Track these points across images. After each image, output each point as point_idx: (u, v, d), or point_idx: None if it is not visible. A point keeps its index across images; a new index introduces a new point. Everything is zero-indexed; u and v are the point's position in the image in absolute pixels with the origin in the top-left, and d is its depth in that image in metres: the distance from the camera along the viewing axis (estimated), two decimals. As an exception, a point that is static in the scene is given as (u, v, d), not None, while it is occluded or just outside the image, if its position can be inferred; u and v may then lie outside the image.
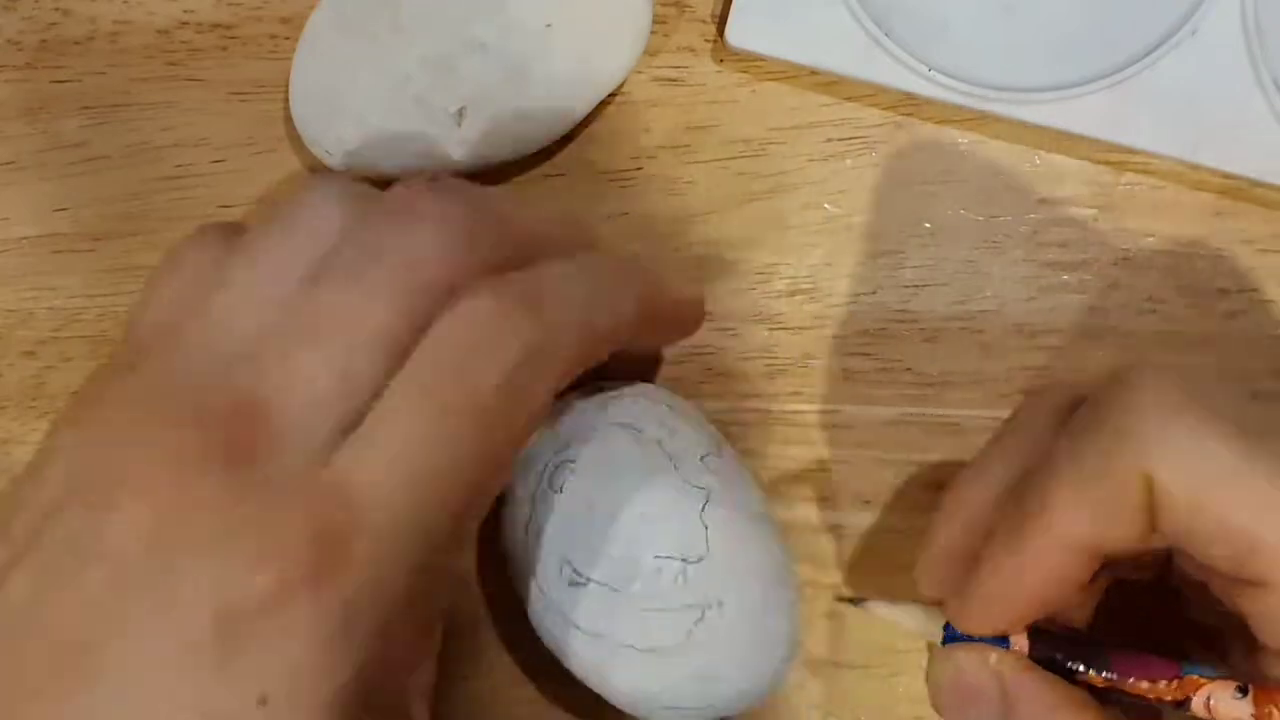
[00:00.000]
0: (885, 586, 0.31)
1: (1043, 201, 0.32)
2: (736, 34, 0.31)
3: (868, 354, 0.32)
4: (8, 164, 0.33)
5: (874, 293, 0.32)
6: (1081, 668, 0.23)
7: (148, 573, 0.21)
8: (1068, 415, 0.23)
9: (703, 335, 0.30)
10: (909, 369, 0.32)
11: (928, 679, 0.25)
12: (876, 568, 0.31)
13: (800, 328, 0.32)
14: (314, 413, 0.22)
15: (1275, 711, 0.21)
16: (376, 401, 0.23)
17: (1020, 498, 0.23)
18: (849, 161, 0.32)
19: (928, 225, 0.32)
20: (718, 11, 0.33)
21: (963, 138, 0.32)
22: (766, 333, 0.32)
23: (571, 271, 0.25)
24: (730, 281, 0.32)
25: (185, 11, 0.33)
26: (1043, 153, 0.32)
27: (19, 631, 0.22)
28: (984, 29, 0.32)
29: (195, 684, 0.21)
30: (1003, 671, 0.24)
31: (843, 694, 0.31)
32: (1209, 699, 0.22)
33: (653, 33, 0.32)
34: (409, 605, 0.23)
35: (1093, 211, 0.32)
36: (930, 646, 0.25)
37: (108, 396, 0.24)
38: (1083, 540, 0.22)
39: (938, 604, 0.25)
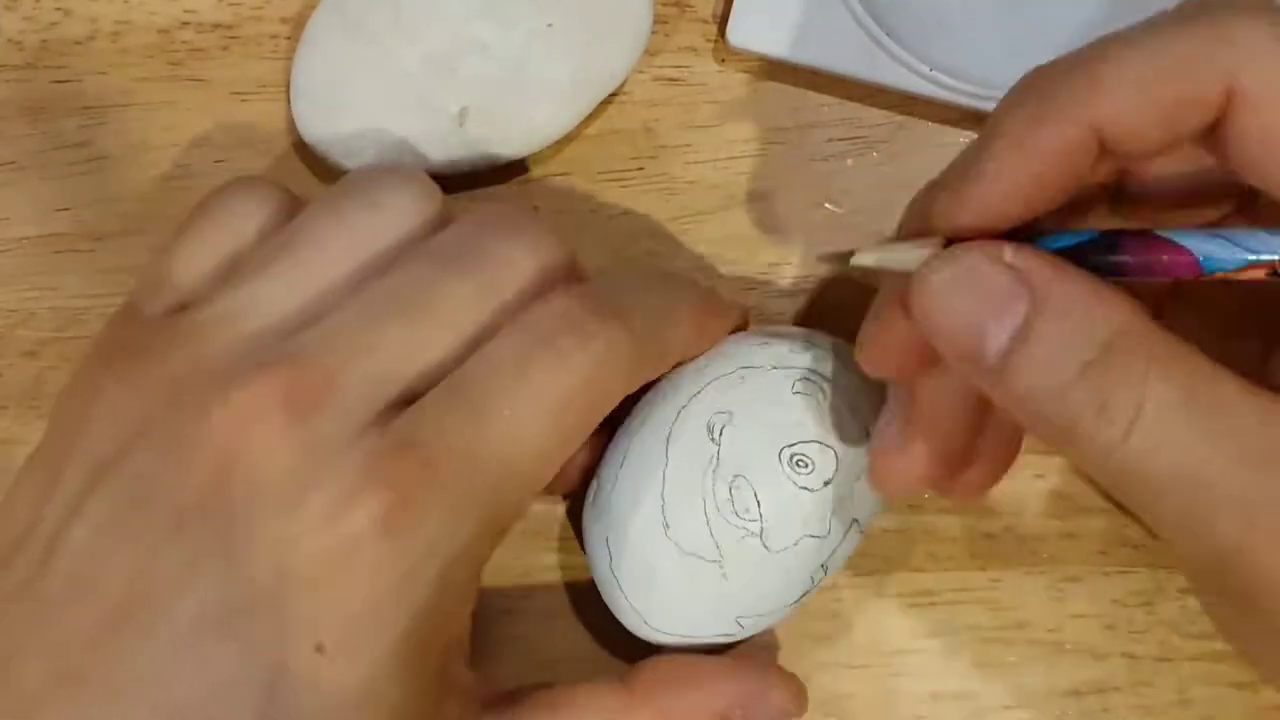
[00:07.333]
0: (882, 581, 0.31)
1: (1044, 201, 0.32)
2: (737, 34, 0.31)
3: (869, 354, 0.32)
4: (8, 164, 0.33)
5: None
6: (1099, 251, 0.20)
7: (208, 524, 0.21)
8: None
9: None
10: (910, 369, 0.32)
11: (913, 300, 0.21)
12: (876, 563, 0.31)
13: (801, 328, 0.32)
14: (381, 378, 0.23)
15: None
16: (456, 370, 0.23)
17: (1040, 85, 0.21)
18: (850, 161, 0.32)
19: (929, 225, 0.32)
20: (719, 11, 0.33)
21: (964, 137, 0.32)
22: (767, 333, 0.32)
23: (646, 289, 0.27)
24: (731, 281, 0.32)
25: (186, 11, 0.33)
26: (1044, 152, 0.32)
27: (78, 583, 0.22)
28: (984, 28, 0.31)
29: (254, 634, 0.21)
30: (1025, 265, 0.20)
31: (843, 694, 0.30)
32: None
33: (654, 32, 0.32)
34: (466, 564, 0.23)
35: (1094, 211, 0.32)
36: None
37: (152, 345, 0.24)
38: (1119, 117, 0.20)
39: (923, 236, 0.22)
